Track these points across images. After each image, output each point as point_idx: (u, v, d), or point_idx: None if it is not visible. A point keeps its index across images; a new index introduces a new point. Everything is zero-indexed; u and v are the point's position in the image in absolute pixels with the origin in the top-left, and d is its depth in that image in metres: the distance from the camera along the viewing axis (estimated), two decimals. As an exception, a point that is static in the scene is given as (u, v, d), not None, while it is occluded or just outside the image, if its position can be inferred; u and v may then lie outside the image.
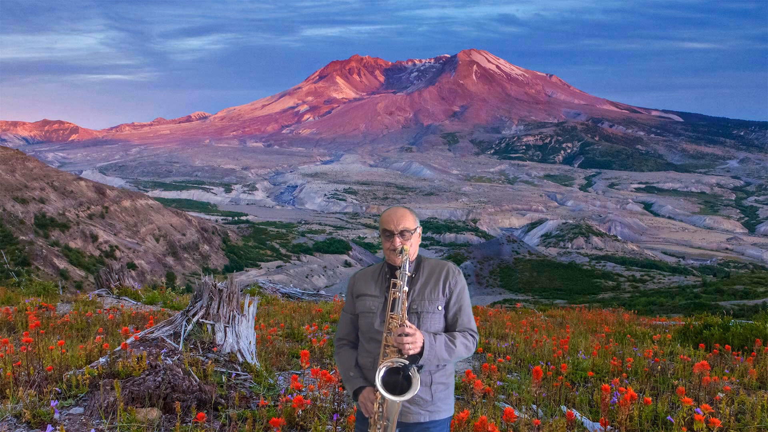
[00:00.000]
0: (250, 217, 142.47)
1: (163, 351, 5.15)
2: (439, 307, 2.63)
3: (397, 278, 2.52)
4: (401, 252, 2.55)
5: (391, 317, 2.47)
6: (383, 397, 2.41)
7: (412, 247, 2.64)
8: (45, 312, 8.65)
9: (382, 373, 2.41)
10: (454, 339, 2.57)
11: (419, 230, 2.70)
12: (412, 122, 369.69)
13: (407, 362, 2.41)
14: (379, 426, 2.45)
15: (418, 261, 2.72)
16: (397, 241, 2.60)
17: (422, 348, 2.45)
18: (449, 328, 2.66)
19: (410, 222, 2.65)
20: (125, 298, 11.95)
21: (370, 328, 2.64)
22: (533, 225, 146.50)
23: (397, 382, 2.41)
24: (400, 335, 2.42)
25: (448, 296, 2.65)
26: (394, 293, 2.49)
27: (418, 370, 2.42)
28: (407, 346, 2.40)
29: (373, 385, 2.49)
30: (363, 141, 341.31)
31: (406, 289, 2.50)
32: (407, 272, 2.51)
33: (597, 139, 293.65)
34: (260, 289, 18.51)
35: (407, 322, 2.46)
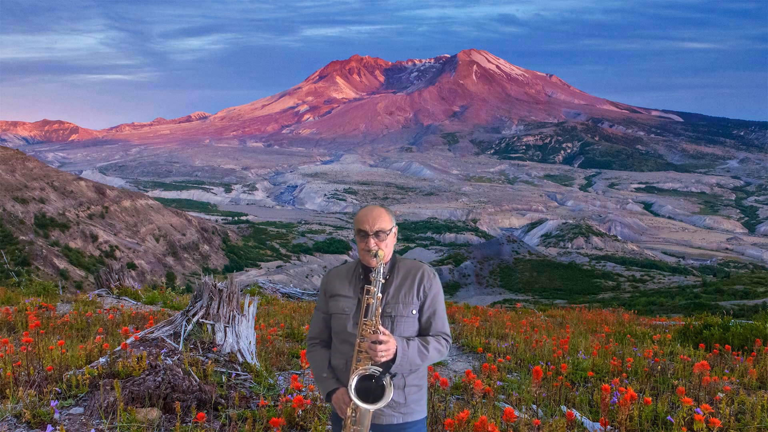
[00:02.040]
0: (250, 217, 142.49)
1: (163, 351, 5.14)
2: (414, 311, 2.57)
3: (371, 282, 2.47)
4: (376, 255, 2.49)
5: (365, 323, 2.43)
6: (356, 404, 2.39)
7: (387, 247, 2.57)
8: (45, 312, 8.65)
9: (354, 381, 2.38)
10: (427, 344, 2.53)
11: (395, 230, 2.62)
12: (412, 122, 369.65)
13: (380, 370, 2.38)
14: (352, 430, 2.43)
15: (393, 261, 2.64)
16: (372, 242, 2.52)
17: (395, 354, 2.41)
18: (422, 331, 2.61)
19: (386, 222, 2.56)
20: (125, 298, 11.95)
21: (343, 330, 2.59)
22: (533, 225, 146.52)
23: (370, 388, 2.39)
24: (374, 342, 2.37)
25: (423, 300, 2.59)
26: (368, 299, 2.44)
27: (391, 379, 2.39)
28: (380, 353, 2.36)
29: (346, 387, 2.47)
30: (363, 141, 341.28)
31: (380, 295, 2.45)
32: (381, 279, 2.46)
33: (597, 139, 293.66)
34: (260, 289, 18.51)
35: (381, 328, 2.41)
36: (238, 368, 5.28)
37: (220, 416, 4.20)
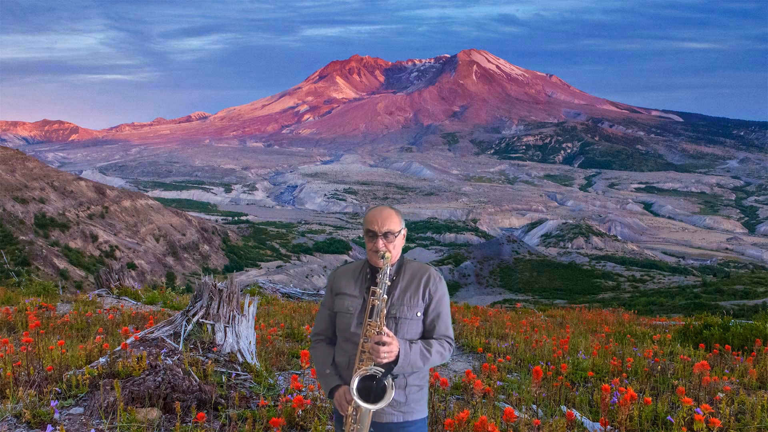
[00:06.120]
0: (250, 217, 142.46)
1: (163, 351, 5.14)
2: (418, 314, 2.59)
3: (377, 283, 2.47)
4: (383, 257, 2.50)
5: (369, 324, 2.44)
6: (357, 404, 2.41)
7: (395, 249, 2.58)
8: (45, 312, 8.65)
9: (356, 381, 2.40)
10: (429, 347, 2.54)
11: (404, 232, 2.63)
12: (412, 122, 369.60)
13: (382, 370, 2.40)
14: (352, 428, 2.45)
15: (400, 263, 2.66)
16: (380, 243, 2.53)
17: (397, 356, 2.43)
18: (426, 334, 2.63)
19: (395, 224, 2.57)
20: (125, 298, 11.95)
21: (346, 329, 2.61)
22: (533, 225, 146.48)
23: (371, 387, 2.41)
24: (377, 343, 2.39)
25: (428, 302, 2.60)
26: (372, 300, 2.45)
27: (393, 380, 2.41)
28: (383, 354, 2.38)
29: (348, 385, 2.48)
30: (363, 141, 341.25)
31: (385, 297, 2.46)
32: (387, 281, 2.47)
33: (597, 139, 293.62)
34: (260, 289, 18.51)
35: (385, 329, 2.43)
36: (238, 368, 5.28)
37: (220, 416, 4.20)
